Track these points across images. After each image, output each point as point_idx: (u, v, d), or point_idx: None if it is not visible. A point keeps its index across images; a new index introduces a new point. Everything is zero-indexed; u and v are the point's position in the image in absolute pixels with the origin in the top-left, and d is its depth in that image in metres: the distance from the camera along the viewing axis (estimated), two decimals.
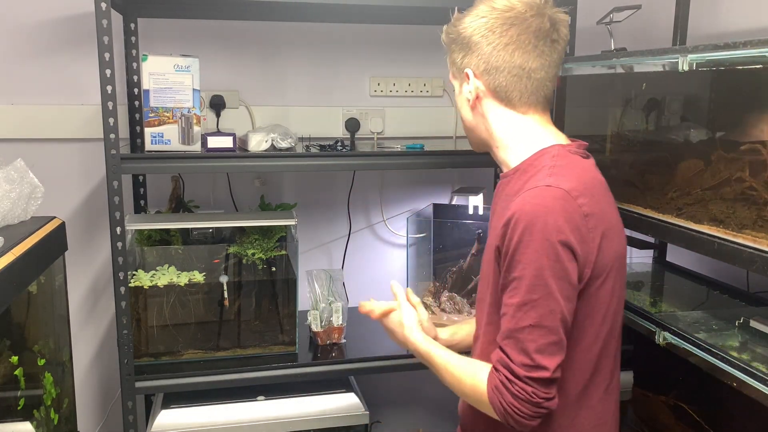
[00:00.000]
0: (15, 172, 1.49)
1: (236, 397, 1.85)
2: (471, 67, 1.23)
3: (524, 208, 1.09)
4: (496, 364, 1.11)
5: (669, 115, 1.61)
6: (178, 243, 1.89)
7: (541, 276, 1.07)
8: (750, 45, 1.20)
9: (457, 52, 1.26)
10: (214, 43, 2.10)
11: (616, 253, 1.17)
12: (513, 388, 1.07)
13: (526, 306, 1.08)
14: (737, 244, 1.26)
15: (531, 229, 1.07)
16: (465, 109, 1.29)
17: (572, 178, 1.13)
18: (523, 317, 1.08)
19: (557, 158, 1.17)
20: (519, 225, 1.09)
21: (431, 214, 2.18)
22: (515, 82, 1.20)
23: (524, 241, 1.08)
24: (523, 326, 1.08)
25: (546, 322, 1.07)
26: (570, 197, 1.09)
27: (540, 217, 1.07)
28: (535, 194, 1.10)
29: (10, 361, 1.38)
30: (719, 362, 1.29)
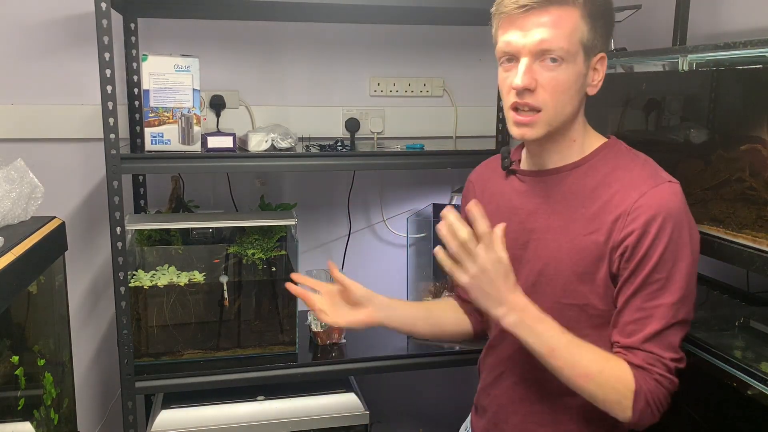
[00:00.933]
0: (15, 172, 1.48)
1: (236, 397, 1.85)
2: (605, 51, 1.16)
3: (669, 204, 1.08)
4: (643, 364, 1.09)
5: (669, 115, 1.61)
6: (178, 243, 1.89)
7: (692, 273, 1.10)
8: (750, 45, 1.20)
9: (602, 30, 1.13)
10: (214, 43, 2.10)
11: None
12: (667, 383, 1.09)
13: (679, 303, 1.09)
14: (737, 244, 1.26)
15: (682, 225, 1.09)
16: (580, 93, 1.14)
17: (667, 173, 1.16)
18: (675, 315, 1.09)
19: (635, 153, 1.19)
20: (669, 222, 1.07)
21: (431, 214, 2.18)
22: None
23: (675, 239, 1.08)
24: (674, 323, 1.09)
25: (689, 317, 1.11)
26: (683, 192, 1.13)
27: (686, 215, 1.10)
28: (670, 191, 1.10)
29: (10, 361, 1.38)
30: (719, 362, 1.29)
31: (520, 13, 1.08)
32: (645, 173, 1.13)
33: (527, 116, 1.12)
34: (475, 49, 2.29)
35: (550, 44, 1.07)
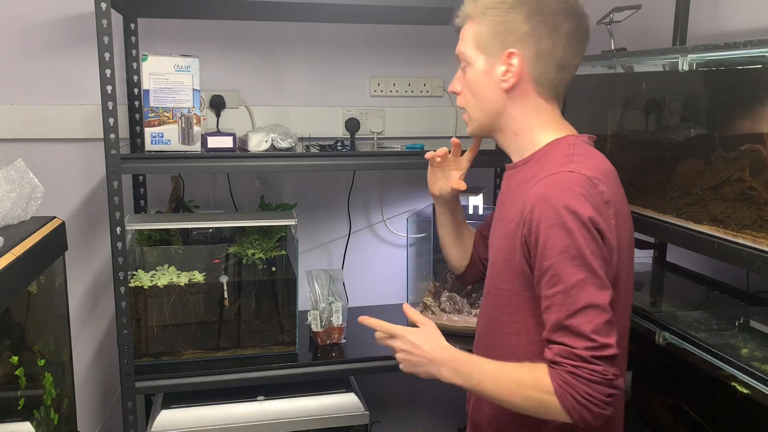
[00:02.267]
0: (15, 172, 1.49)
1: (236, 397, 1.85)
2: (518, 50, 1.19)
3: (547, 191, 1.08)
4: (555, 358, 1.05)
5: (669, 115, 1.61)
6: (178, 243, 1.89)
7: (581, 256, 1.05)
8: (750, 45, 1.20)
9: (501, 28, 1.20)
10: (214, 43, 2.10)
11: (627, 241, 1.18)
12: (583, 372, 1.02)
13: (574, 289, 1.04)
14: (737, 244, 1.26)
15: (560, 211, 1.06)
16: (492, 90, 1.23)
17: (592, 166, 1.13)
18: (573, 302, 1.04)
19: (575, 147, 1.18)
20: (546, 208, 1.07)
21: (431, 214, 2.18)
22: (555, 73, 1.20)
23: (554, 225, 1.06)
24: (574, 310, 1.04)
25: (597, 301, 1.04)
26: (592, 184, 1.09)
27: (568, 198, 1.06)
28: (559, 179, 1.09)
29: (10, 361, 1.38)
30: (719, 362, 1.29)
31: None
32: (556, 164, 1.13)
33: (464, 116, 1.32)
34: None
35: (459, 52, 1.28)
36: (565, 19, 1.19)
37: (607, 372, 1.02)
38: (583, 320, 1.03)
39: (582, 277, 1.04)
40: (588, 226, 1.05)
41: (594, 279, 1.05)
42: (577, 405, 1.03)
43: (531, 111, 1.23)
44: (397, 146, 1.93)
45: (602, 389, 1.02)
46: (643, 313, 1.55)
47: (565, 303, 1.05)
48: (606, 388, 1.02)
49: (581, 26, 1.21)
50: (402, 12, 1.96)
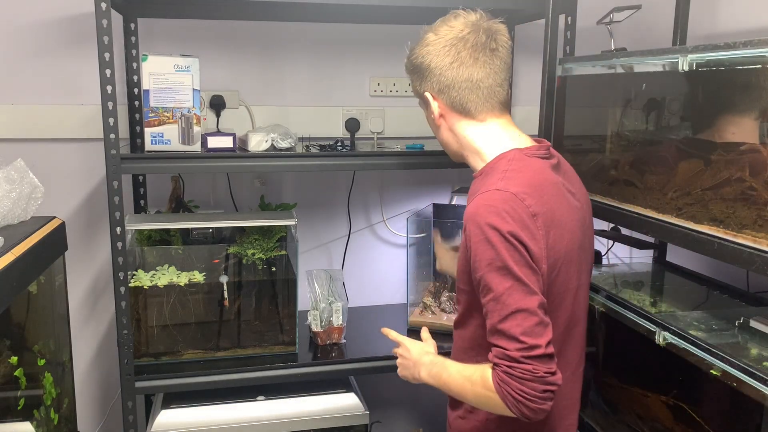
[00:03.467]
0: (15, 172, 1.49)
1: (236, 397, 1.85)
2: (428, 90, 1.34)
3: (476, 210, 1.18)
4: (493, 359, 1.14)
5: (669, 115, 1.61)
6: (178, 243, 1.89)
7: (505, 267, 1.13)
8: (750, 45, 1.20)
9: (415, 80, 1.37)
10: (214, 43, 2.10)
11: (566, 247, 1.23)
12: (515, 372, 1.10)
13: (503, 296, 1.13)
14: (737, 244, 1.26)
15: (483, 228, 1.15)
16: (434, 129, 1.40)
17: (522, 181, 1.21)
18: (502, 308, 1.12)
19: (512, 162, 1.25)
20: (472, 226, 1.17)
21: (431, 214, 2.18)
22: (467, 95, 1.30)
23: (480, 240, 1.15)
24: (504, 315, 1.12)
25: (524, 305, 1.12)
26: (517, 199, 1.17)
27: (490, 216, 1.15)
28: (486, 197, 1.19)
29: (10, 362, 1.38)
30: (719, 362, 1.29)
31: None
32: (491, 181, 1.22)
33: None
34: None
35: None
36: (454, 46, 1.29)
37: (537, 370, 1.10)
38: (513, 324, 1.12)
39: (509, 285, 1.13)
40: (508, 239, 1.14)
41: (520, 286, 1.13)
42: (515, 401, 1.11)
43: (468, 133, 1.33)
44: (397, 146, 1.93)
45: (535, 386, 1.10)
46: (643, 313, 1.55)
47: (496, 309, 1.14)
48: (539, 385, 1.10)
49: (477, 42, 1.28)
50: (402, 12, 1.96)
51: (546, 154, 1.31)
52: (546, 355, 1.11)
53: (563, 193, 1.29)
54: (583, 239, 1.31)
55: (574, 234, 1.27)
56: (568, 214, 1.27)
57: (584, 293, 1.35)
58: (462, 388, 1.23)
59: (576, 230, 1.28)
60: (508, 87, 1.34)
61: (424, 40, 1.34)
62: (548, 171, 1.29)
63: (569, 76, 1.77)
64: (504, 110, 1.34)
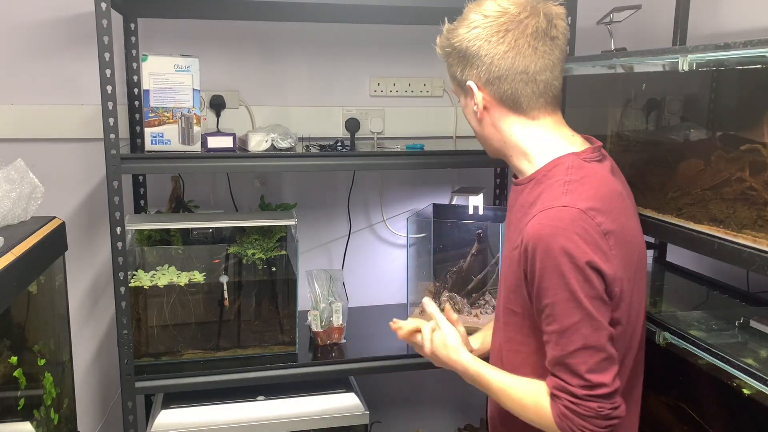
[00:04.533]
0: (15, 172, 1.49)
1: (236, 397, 1.85)
2: (473, 79, 1.19)
3: (543, 231, 1.07)
4: (554, 390, 1.09)
5: (669, 115, 1.61)
6: (178, 243, 1.89)
7: (575, 299, 1.05)
8: (750, 45, 1.20)
9: (455, 65, 1.22)
10: (214, 43, 2.10)
11: (636, 264, 1.15)
12: (579, 409, 1.06)
13: (568, 331, 1.06)
14: (737, 244, 1.26)
15: (553, 253, 1.05)
16: (474, 121, 1.25)
17: (588, 194, 1.09)
18: (567, 343, 1.06)
19: (571, 171, 1.13)
20: (539, 250, 1.07)
21: (431, 214, 2.18)
22: (521, 88, 1.16)
23: (549, 267, 1.06)
24: (570, 351, 1.06)
25: (591, 342, 1.05)
26: (587, 217, 1.06)
27: (560, 241, 1.05)
28: (552, 216, 1.07)
29: (10, 362, 1.38)
30: (719, 362, 1.29)
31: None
32: (553, 195, 1.11)
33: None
34: None
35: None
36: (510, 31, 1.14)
37: (602, 408, 1.05)
38: (579, 360, 1.06)
39: (576, 320, 1.05)
40: (581, 266, 1.04)
41: (589, 321, 1.05)
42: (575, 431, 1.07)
43: (517, 132, 1.20)
44: (397, 146, 1.92)
45: (598, 422, 1.06)
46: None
47: (560, 343, 1.07)
48: (601, 421, 1.06)
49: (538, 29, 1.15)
50: (402, 12, 1.96)
51: (601, 156, 1.19)
52: (611, 392, 1.06)
53: (627, 203, 1.19)
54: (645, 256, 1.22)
55: (642, 248, 1.18)
56: (635, 226, 1.18)
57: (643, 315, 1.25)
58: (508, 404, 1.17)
59: (642, 243, 1.20)
60: (562, 81, 1.21)
61: (470, 20, 1.17)
62: (610, 179, 1.17)
63: (569, 76, 1.77)
64: (557, 106, 1.21)
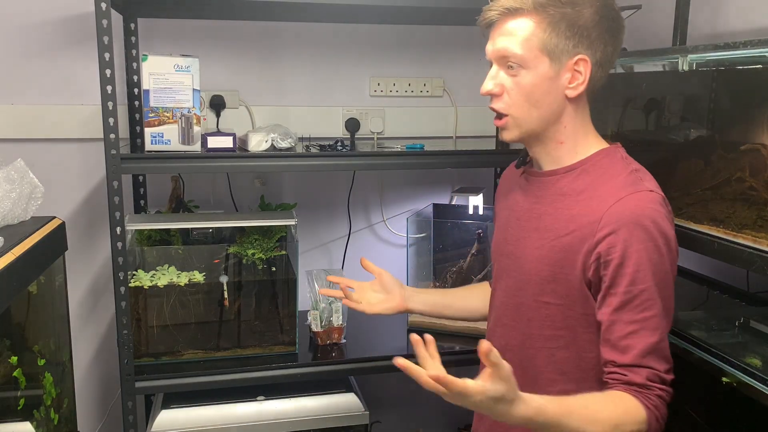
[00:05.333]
0: (15, 172, 1.49)
1: (236, 397, 1.85)
2: (587, 56, 1.13)
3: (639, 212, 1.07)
4: (645, 382, 1.07)
5: (669, 115, 1.61)
6: (178, 243, 1.89)
7: (670, 281, 1.10)
8: (750, 45, 1.20)
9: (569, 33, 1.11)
10: (214, 43, 2.10)
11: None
12: (667, 396, 1.08)
13: (665, 312, 1.09)
14: (737, 244, 1.26)
15: (652, 235, 1.07)
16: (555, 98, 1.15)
17: (656, 183, 1.15)
18: (665, 327, 1.09)
19: (629, 161, 1.18)
20: (635, 232, 1.06)
21: (431, 214, 2.18)
22: (603, 82, 1.18)
23: (647, 249, 1.06)
24: (664, 336, 1.09)
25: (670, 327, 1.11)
26: (666, 204, 1.12)
27: (657, 223, 1.08)
28: (644, 199, 1.09)
29: (10, 362, 1.38)
30: (719, 362, 1.29)
31: (488, 27, 1.19)
32: (629, 180, 1.12)
33: (497, 120, 1.21)
34: (475, 49, 2.29)
35: (506, 52, 1.14)
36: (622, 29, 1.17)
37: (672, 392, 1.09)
38: (665, 345, 1.09)
39: (671, 304, 1.10)
40: (672, 249, 1.10)
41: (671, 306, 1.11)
42: (658, 424, 1.07)
43: (582, 119, 1.20)
44: (397, 146, 1.92)
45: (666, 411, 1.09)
46: None
47: (660, 327, 1.08)
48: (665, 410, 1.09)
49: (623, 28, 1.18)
50: (402, 12, 1.95)
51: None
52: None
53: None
54: None
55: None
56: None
57: None
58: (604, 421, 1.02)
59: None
60: None
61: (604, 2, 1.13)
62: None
63: None
64: None
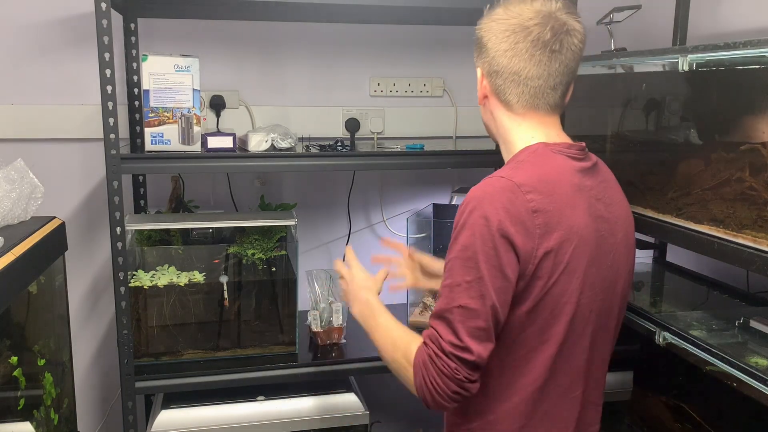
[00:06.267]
0: (15, 172, 1.49)
1: (236, 397, 1.85)
2: (481, 66, 1.27)
3: (473, 194, 1.13)
4: (425, 338, 1.13)
5: (669, 115, 1.61)
6: (178, 243, 1.89)
7: (474, 260, 1.08)
8: (750, 45, 1.20)
9: (475, 50, 1.29)
10: (214, 43, 2.10)
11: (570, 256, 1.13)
12: (438, 362, 1.09)
13: (459, 287, 1.09)
14: (737, 244, 1.26)
15: (472, 214, 1.10)
16: (480, 106, 1.34)
17: (533, 174, 1.14)
18: (454, 298, 1.10)
19: (532, 155, 1.19)
20: (463, 209, 1.13)
21: (431, 214, 2.18)
22: (512, 87, 1.22)
23: (465, 226, 1.11)
24: (452, 306, 1.09)
25: (474, 305, 1.08)
26: (519, 191, 1.11)
27: (483, 205, 1.10)
28: (486, 183, 1.14)
29: (9, 362, 1.38)
30: (719, 362, 1.29)
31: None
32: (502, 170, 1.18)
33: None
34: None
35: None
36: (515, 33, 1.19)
37: (459, 372, 1.08)
38: (458, 317, 1.09)
39: (468, 280, 1.09)
40: (493, 232, 1.08)
41: (478, 285, 1.08)
42: (424, 385, 1.10)
43: (504, 123, 1.27)
44: (397, 146, 1.92)
45: (449, 383, 1.08)
46: (643, 313, 1.55)
47: (448, 297, 1.11)
48: (452, 384, 1.08)
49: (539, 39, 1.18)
50: (402, 12, 1.96)
51: (578, 154, 1.21)
52: (475, 363, 1.08)
53: (585, 198, 1.18)
54: (600, 257, 1.18)
55: (586, 245, 1.15)
56: (584, 221, 1.15)
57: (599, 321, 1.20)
58: (383, 344, 1.24)
59: (590, 242, 1.16)
60: (565, 91, 1.24)
61: (494, 13, 1.24)
62: (572, 171, 1.18)
63: None
64: (551, 113, 1.24)
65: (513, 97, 1.23)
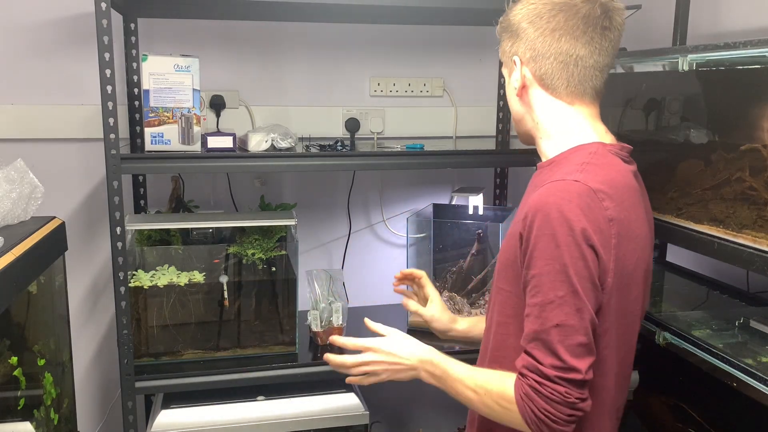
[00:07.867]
0: (15, 172, 1.49)
1: (236, 397, 1.85)
2: (518, 54, 1.20)
3: (547, 200, 1.04)
4: (522, 369, 1.05)
5: (669, 115, 1.61)
6: (178, 243, 1.89)
7: (565, 272, 1.01)
8: (750, 45, 1.20)
9: (506, 40, 1.22)
10: (214, 43, 2.10)
11: (634, 265, 1.11)
12: (545, 390, 1.01)
13: (552, 305, 1.02)
14: (737, 244, 1.26)
15: (552, 223, 1.02)
16: (513, 99, 1.25)
17: (603, 179, 1.07)
18: (548, 317, 1.02)
19: (594, 156, 1.12)
20: (539, 217, 1.04)
21: (431, 214, 2.18)
22: (561, 69, 1.16)
23: (545, 236, 1.03)
24: (549, 326, 1.01)
25: (572, 321, 1.01)
26: (596, 197, 1.04)
27: (562, 212, 1.02)
28: (560, 187, 1.05)
29: (9, 362, 1.38)
30: (719, 362, 1.29)
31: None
32: (567, 171, 1.09)
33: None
34: (475, 49, 2.29)
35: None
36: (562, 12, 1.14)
37: (570, 394, 1.01)
38: (556, 338, 1.01)
39: (561, 295, 1.02)
40: (579, 241, 1.01)
41: (574, 298, 1.01)
42: (536, 419, 1.03)
43: (549, 113, 1.20)
44: (397, 146, 1.92)
45: (562, 409, 1.01)
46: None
47: (541, 316, 1.03)
48: (566, 408, 1.01)
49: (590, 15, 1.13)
50: (402, 12, 1.95)
51: (628, 157, 1.19)
52: (583, 381, 1.01)
53: (642, 204, 1.16)
54: (650, 263, 1.18)
55: (644, 252, 1.14)
56: (642, 229, 1.14)
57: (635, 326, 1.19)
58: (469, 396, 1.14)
59: (647, 249, 1.15)
60: (606, 77, 1.19)
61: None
62: (630, 175, 1.15)
63: None
64: (595, 100, 1.20)
65: (561, 81, 1.17)
